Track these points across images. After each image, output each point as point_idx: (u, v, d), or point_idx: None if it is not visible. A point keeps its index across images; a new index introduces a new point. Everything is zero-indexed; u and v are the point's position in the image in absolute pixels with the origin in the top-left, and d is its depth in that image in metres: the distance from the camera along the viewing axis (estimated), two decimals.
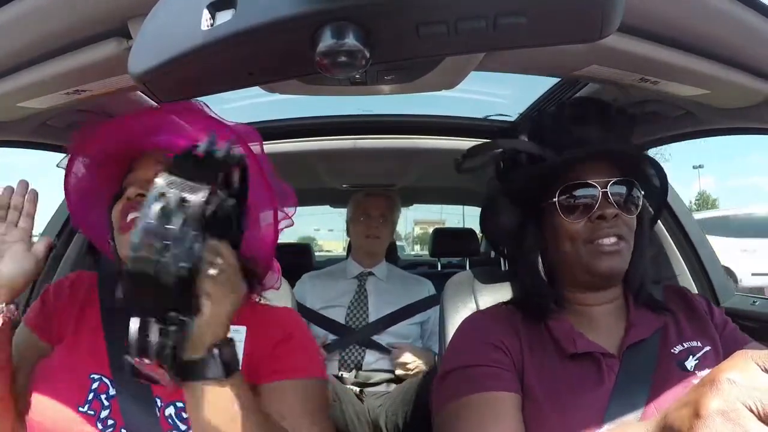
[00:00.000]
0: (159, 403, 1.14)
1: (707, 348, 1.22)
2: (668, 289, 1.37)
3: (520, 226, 1.31)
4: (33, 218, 1.22)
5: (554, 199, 1.22)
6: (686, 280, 2.07)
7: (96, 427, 1.10)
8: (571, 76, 1.28)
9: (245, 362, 1.20)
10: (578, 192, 1.21)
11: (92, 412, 1.11)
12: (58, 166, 1.34)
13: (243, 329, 1.24)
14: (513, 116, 2.51)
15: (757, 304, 1.87)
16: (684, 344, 1.21)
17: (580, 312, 1.26)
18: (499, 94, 2.56)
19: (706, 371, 0.94)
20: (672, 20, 1.02)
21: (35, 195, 1.23)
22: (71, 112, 1.39)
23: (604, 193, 1.19)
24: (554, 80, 1.99)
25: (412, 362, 2.55)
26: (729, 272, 9.22)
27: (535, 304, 1.27)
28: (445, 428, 1.17)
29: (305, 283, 2.91)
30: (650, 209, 1.36)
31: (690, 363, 1.18)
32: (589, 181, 1.20)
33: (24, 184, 1.23)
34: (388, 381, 2.58)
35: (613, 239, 1.19)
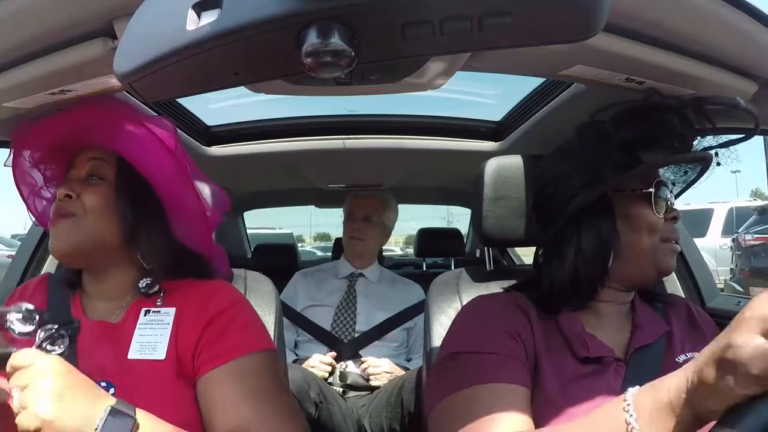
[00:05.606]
0: None
1: None
2: (674, 299, 1.39)
3: (583, 209, 1.22)
4: None
5: (649, 189, 1.20)
6: (671, 279, 2.07)
7: None
8: (557, 77, 1.29)
9: (172, 345, 1.18)
10: (663, 190, 1.22)
11: None
12: (5, 165, 1.35)
13: (172, 311, 1.23)
14: (499, 116, 2.52)
15: (741, 304, 1.88)
16: (687, 354, 1.22)
17: (593, 308, 1.25)
18: (485, 94, 2.57)
19: None
20: (657, 20, 1.03)
21: None
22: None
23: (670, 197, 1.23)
24: (540, 80, 2.00)
25: (390, 374, 2.53)
26: None
27: (565, 296, 1.22)
28: (445, 421, 1.10)
29: (297, 281, 2.91)
30: None
31: None
32: (665, 181, 1.23)
33: None
34: (366, 388, 2.56)
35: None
